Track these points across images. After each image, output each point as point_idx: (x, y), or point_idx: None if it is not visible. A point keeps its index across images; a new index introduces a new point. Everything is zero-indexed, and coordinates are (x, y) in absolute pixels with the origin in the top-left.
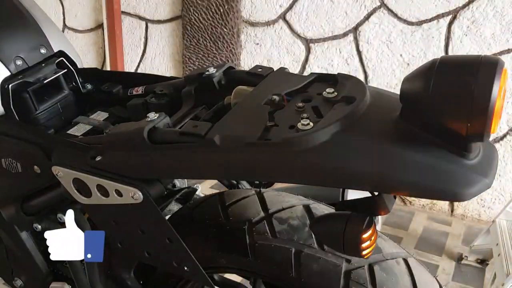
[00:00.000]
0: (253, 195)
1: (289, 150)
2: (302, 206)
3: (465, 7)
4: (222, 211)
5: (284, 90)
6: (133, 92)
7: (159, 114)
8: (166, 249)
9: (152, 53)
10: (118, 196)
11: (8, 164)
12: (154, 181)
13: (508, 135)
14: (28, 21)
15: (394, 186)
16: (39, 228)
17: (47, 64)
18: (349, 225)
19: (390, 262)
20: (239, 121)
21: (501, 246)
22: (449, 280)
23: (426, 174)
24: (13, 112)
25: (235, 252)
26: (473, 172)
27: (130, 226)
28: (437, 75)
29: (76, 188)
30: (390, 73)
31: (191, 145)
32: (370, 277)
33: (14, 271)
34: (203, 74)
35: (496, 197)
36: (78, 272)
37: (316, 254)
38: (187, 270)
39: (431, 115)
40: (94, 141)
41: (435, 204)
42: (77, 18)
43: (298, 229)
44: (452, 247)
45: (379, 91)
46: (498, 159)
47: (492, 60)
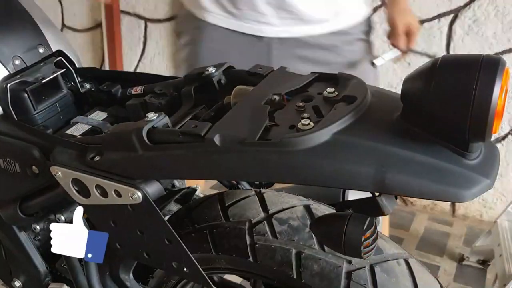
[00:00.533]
0: (253, 195)
1: (289, 150)
2: (302, 206)
3: (467, 6)
4: (222, 212)
5: (284, 90)
6: (132, 91)
7: (158, 114)
8: (166, 250)
9: (151, 52)
10: (117, 196)
11: (6, 164)
12: (153, 182)
13: (509, 135)
14: (27, 20)
15: (394, 187)
16: (38, 228)
17: (46, 64)
18: (350, 225)
19: (391, 263)
20: (239, 121)
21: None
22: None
23: (427, 174)
24: (11, 111)
25: (235, 252)
26: (474, 173)
27: (129, 227)
28: (438, 75)
29: (75, 188)
30: (391, 72)
31: (191, 145)
32: (371, 278)
33: (13, 272)
34: (202, 73)
35: (498, 198)
36: (77, 272)
37: (317, 255)
38: (187, 271)
39: (432, 115)
40: (93, 141)
41: (436, 205)
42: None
43: (299, 230)
44: (453, 248)
45: (380, 91)
46: (500, 159)
47: (493, 59)
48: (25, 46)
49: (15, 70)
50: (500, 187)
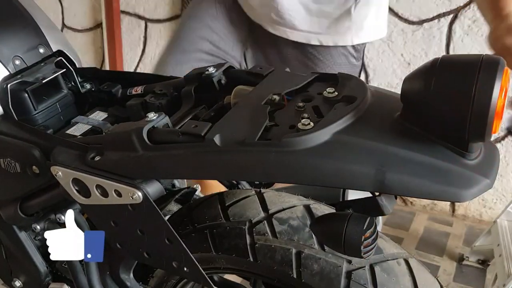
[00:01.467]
0: (253, 195)
1: (290, 150)
2: (302, 206)
3: (466, 6)
4: (222, 211)
5: (284, 90)
6: (132, 91)
7: (159, 114)
8: (166, 250)
9: (151, 52)
10: (118, 196)
11: (7, 164)
12: (154, 181)
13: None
14: (27, 20)
15: (394, 187)
16: (38, 228)
17: (46, 64)
18: (350, 225)
19: (391, 262)
20: (239, 121)
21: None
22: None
23: (427, 174)
24: (11, 111)
25: (235, 252)
26: (474, 173)
27: (129, 227)
28: (438, 75)
29: (75, 188)
30: (391, 72)
31: (191, 145)
32: (371, 277)
33: (13, 272)
34: (202, 73)
35: (498, 198)
36: (77, 272)
37: (317, 255)
38: (187, 271)
39: (432, 115)
40: (93, 141)
41: (436, 205)
42: (76, 17)
43: (299, 230)
44: (453, 248)
45: (380, 91)
46: (500, 159)
47: (493, 59)
48: (26, 46)
49: (15, 70)
50: (500, 187)
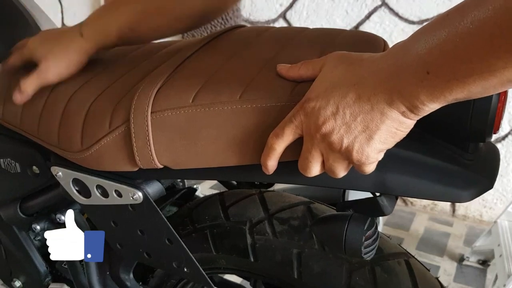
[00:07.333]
0: (254, 195)
1: None
2: (303, 206)
3: None
4: (222, 212)
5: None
6: None
7: None
8: (166, 250)
9: None
10: (118, 196)
11: (7, 164)
12: (154, 182)
13: (510, 135)
14: (27, 20)
15: (395, 187)
16: (38, 228)
17: None
18: (350, 225)
19: (391, 263)
20: None
21: (502, 247)
22: (450, 281)
23: (427, 175)
24: None
25: (235, 252)
26: (474, 173)
27: (129, 227)
28: None
29: (76, 188)
30: None
31: None
32: (372, 278)
33: (13, 272)
34: None
35: (498, 198)
36: (77, 273)
37: (317, 255)
38: (187, 271)
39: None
40: None
41: (436, 205)
42: (76, 16)
43: (299, 230)
44: (453, 248)
45: None
46: (500, 159)
47: None
48: None
49: None
50: (500, 187)
